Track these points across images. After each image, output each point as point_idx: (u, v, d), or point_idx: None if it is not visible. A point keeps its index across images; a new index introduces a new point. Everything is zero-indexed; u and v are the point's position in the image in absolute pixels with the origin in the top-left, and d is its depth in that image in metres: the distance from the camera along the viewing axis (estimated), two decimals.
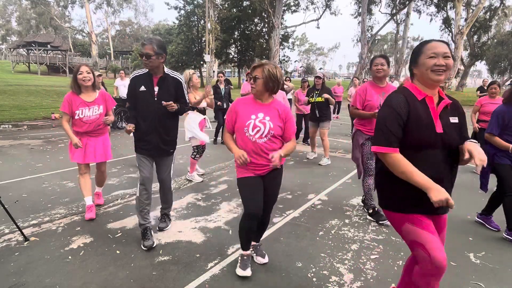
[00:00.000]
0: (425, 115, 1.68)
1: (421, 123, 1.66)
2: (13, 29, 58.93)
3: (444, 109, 1.72)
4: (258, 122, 2.37)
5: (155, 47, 2.74)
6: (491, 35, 34.26)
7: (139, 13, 65.87)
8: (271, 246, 2.95)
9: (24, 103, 14.05)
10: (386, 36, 62.61)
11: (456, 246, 3.03)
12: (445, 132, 1.67)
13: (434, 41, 1.70)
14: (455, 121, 1.73)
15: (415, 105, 1.69)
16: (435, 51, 1.64)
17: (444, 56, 1.64)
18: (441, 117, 1.70)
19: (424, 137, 1.66)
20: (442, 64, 1.63)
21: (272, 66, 2.38)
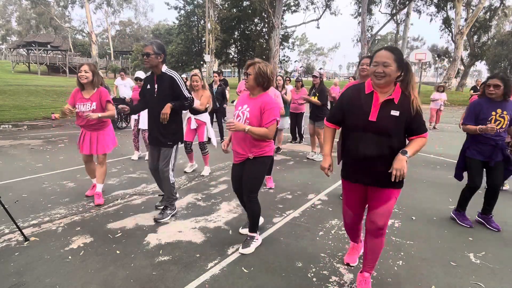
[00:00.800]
0: (366, 105, 2.09)
1: (358, 111, 2.11)
2: (13, 29, 58.93)
3: (387, 104, 2.06)
4: (240, 112, 2.73)
5: (155, 48, 3.19)
6: (491, 35, 34.25)
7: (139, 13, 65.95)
8: (271, 246, 2.95)
9: (24, 103, 14.05)
10: (386, 36, 62.59)
11: (456, 246, 3.03)
12: (378, 121, 2.05)
13: (381, 50, 2.06)
14: (395, 114, 2.05)
15: (359, 97, 2.14)
16: (377, 60, 2.03)
17: (384, 65, 1.99)
18: (382, 109, 2.06)
19: (357, 122, 2.11)
20: (380, 71, 2.01)
21: (263, 64, 2.67)
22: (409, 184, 4.90)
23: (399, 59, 2.02)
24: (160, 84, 3.28)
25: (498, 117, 3.23)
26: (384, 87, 2.07)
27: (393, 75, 2.01)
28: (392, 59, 1.99)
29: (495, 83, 3.21)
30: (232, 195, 4.25)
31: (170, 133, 3.38)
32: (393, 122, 2.04)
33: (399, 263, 2.72)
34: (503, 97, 3.24)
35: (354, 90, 2.19)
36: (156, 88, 3.29)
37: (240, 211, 3.73)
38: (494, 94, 3.23)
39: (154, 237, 3.07)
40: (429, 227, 3.43)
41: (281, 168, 5.66)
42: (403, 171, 1.99)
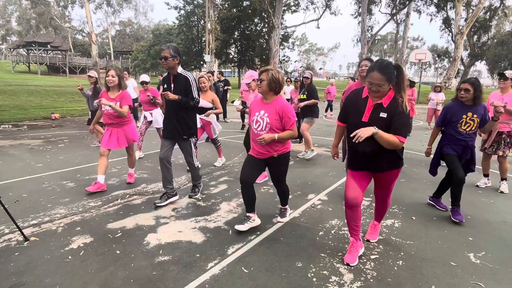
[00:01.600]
0: (362, 107, 2.45)
1: (355, 112, 2.48)
2: (13, 29, 58.93)
3: (377, 107, 2.39)
4: (259, 118, 3.00)
5: (171, 51, 3.57)
6: (491, 35, 34.27)
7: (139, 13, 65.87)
8: (271, 246, 2.95)
9: (24, 103, 14.06)
10: (386, 36, 62.62)
11: (456, 246, 3.03)
12: (369, 122, 2.38)
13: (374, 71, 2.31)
14: (383, 116, 2.37)
15: (357, 100, 2.50)
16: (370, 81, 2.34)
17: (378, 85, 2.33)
18: (373, 111, 2.40)
19: (353, 121, 2.49)
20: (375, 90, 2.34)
21: (275, 71, 2.96)
22: (409, 184, 4.90)
23: (390, 77, 2.29)
24: (176, 84, 3.67)
25: (469, 120, 3.49)
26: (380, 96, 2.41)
27: (385, 91, 2.36)
28: (384, 80, 2.29)
29: (465, 87, 3.45)
30: (232, 195, 4.26)
31: (186, 128, 3.80)
32: (382, 122, 2.35)
33: (399, 263, 2.72)
34: (473, 101, 3.48)
35: (354, 94, 2.55)
36: (172, 88, 3.67)
37: (240, 211, 3.73)
38: (464, 97, 3.48)
39: (154, 237, 3.07)
40: (429, 227, 3.43)
41: None
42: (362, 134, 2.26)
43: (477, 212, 3.83)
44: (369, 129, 2.29)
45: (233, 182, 4.82)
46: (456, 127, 3.54)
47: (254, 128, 3.03)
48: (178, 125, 3.75)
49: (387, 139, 2.33)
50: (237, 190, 4.47)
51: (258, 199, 4.12)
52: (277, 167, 3.18)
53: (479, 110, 3.49)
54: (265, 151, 3.05)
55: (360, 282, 2.46)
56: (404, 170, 5.61)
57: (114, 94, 4.21)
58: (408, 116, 2.37)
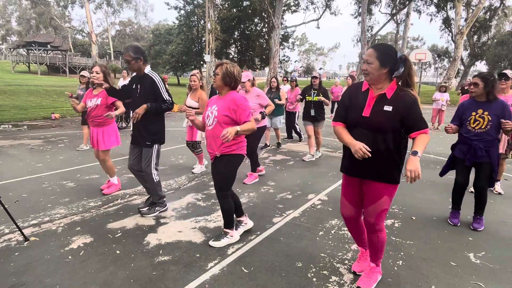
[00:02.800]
0: (362, 102, 2.14)
1: (355, 107, 2.17)
2: (13, 29, 58.90)
3: (380, 99, 2.09)
4: (209, 112, 2.84)
5: (132, 54, 3.29)
6: (491, 35, 34.26)
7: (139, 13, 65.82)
8: (271, 246, 2.95)
9: (24, 103, 14.05)
10: (386, 36, 62.56)
11: (456, 246, 3.03)
12: (371, 116, 2.08)
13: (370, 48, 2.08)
14: (388, 109, 2.05)
15: (357, 94, 2.19)
16: (363, 58, 2.08)
17: (367, 62, 2.04)
18: (375, 105, 2.09)
19: (353, 117, 2.17)
20: (364, 69, 2.08)
21: (230, 65, 2.79)
22: (409, 184, 4.89)
23: (383, 56, 2.01)
24: (142, 85, 3.41)
25: (478, 118, 3.24)
26: (377, 83, 2.10)
27: (375, 72, 2.03)
28: (374, 57, 2.02)
29: (474, 81, 3.24)
30: None
31: (150, 134, 3.44)
32: (386, 117, 2.05)
33: (399, 263, 2.72)
34: (486, 97, 3.22)
35: (353, 89, 2.25)
36: (139, 89, 3.42)
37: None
38: (474, 92, 3.26)
39: (154, 237, 3.07)
40: (429, 227, 3.43)
41: (281, 168, 5.65)
42: (417, 172, 1.94)
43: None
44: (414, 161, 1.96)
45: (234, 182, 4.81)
46: (465, 125, 3.33)
47: (206, 124, 2.85)
48: (143, 129, 3.40)
49: (425, 145, 2.06)
50: (237, 190, 4.47)
51: (258, 199, 4.13)
52: (216, 168, 2.86)
53: (494, 107, 3.17)
54: (211, 149, 2.85)
55: None
56: (403, 170, 5.60)
57: (98, 90, 4.06)
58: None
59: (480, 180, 3.35)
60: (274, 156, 6.57)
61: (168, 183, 4.71)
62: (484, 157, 3.27)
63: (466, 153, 3.36)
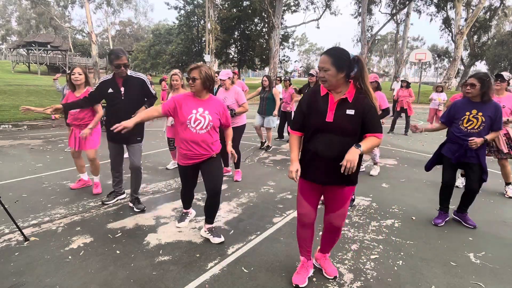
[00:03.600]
0: (323, 107, 2.10)
1: (316, 113, 2.12)
2: (13, 29, 58.91)
3: (342, 103, 2.07)
4: (198, 116, 2.76)
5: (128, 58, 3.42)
6: (491, 35, 34.27)
7: (139, 13, 65.83)
8: (271, 246, 2.95)
9: (24, 103, 14.05)
10: (386, 36, 62.56)
11: (456, 246, 3.03)
12: (335, 121, 2.06)
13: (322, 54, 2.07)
14: (350, 113, 2.06)
15: (316, 99, 2.15)
16: (319, 65, 2.07)
17: (324, 69, 2.03)
18: (338, 109, 2.07)
19: (315, 123, 2.12)
20: (321, 76, 2.06)
21: (207, 68, 2.79)
22: (409, 184, 4.90)
23: (338, 61, 2.00)
24: (127, 87, 3.46)
25: (472, 118, 3.23)
26: (336, 88, 2.09)
27: (333, 78, 2.02)
28: (329, 63, 2.00)
29: (471, 82, 3.20)
30: (232, 195, 4.25)
31: (140, 130, 3.62)
32: (349, 121, 2.05)
33: (399, 263, 2.72)
34: (481, 97, 3.20)
35: (311, 94, 2.20)
36: (122, 91, 3.45)
37: (240, 211, 3.73)
38: (470, 93, 3.22)
39: (154, 237, 3.07)
40: (429, 227, 3.43)
41: (281, 168, 5.65)
42: (354, 163, 1.96)
43: (477, 212, 3.83)
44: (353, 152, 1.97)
45: (233, 182, 4.81)
46: (458, 124, 3.31)
47: (192, 127, 2.74)
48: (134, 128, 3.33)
49: (371, 146, 2.08)
50: (238, 190, 4.47)
51: (258, 199, 4.13)
52: (216, 168, 2.92)
53: (488, 109, 3.17)
54: (204, 151, 2.82)
55: (360, 282, 2.46)
56: (404, 170, 5.61)
57: (80, 92, 3.99)
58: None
59: (473, 182, 3.33)
60: (274, 156, 6.58)
61: (168, 183, 4.71)
62: (473, 158, 3.27)
63: (455, 152, 3.35)
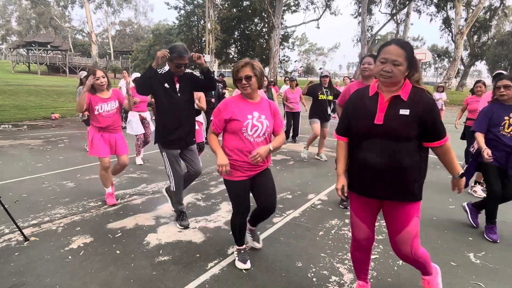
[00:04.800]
0: (372, 108, 1.83)
1: (363, 115, 1.85)
2: (13, 29, 58.93)
3: (395, 101, 1.79)
4: (255, 121, 2.34)
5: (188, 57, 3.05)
6: (491, 35, 34.25)
7: (139, 13, 65.84)
8: (271, 246, 2.95)
9: (24, 103, 14.06)
10: (386, 36, 62.46)
11: (456, 246, 3.03)
12: (385, 123, 1.77)
13: (391, 44, 1.76)
14: (405, 113, 1.76)
15: (364, 101, 1.88)
16: (385, 57, 1.74)
17: (394, 63, 1.72)
18: (390, 108, 1.79)
19: (362, 127, 1.85)
20: (388, 70, 1.73)
21: (257, 62, 2.40)
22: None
23: (411, 57, 1.74)
24: (182, 84, 3.14)
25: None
26: (391, 86, 1.81)
27: (402, 75, 1.75)
28: (403, 57, 1.71)
29: (505, 83, 3.03)
30: None
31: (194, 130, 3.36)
32: (403, 122, 1.75)
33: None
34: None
35: (358, 96, 1.94)
36: (178, 88, 3.13)
37: None
38: (506, 95, 3.06)
39: (154, 237, 3.07)
40: (429, 227, 3.42)
41: (281, 168, 5.65)
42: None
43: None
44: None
45: None
46: (498, 131, 3.08)
47: (249, 135, 2.33)
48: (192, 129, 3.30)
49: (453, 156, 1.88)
50: None
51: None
52: (271, 179, 2.55)
53: None
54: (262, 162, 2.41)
55: None
56: None
57: (107, 94, 3.72)
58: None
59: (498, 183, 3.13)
60: (274, 156, 6.57)
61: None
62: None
63: (506, 160, 3.09)
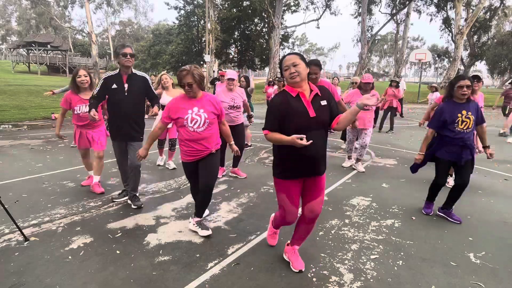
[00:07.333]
0: (301, 106, 2.19)
1: (297, 113, 2.18)
2: (13, 29, 58.94)
3: (315, 97, 2.23)
4: (194, 115, 2.82)
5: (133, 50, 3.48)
6: (491, 35, 34.28)
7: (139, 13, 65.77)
8: (271, 246, 2.95)
9: (24, 103, 14.06)
10: (386, 36, 62.60)
11: (456, 246, 3.03)
12: (318, 115, 2.19)
13: (286, 56, 2.23)
14: (324, 103, 2.24)
15: (289, 102, 2.20)
16: (287, 64, 2.18)
17: (293, 64, 2.15)
18: (313, 103, 2.21)
19: (300, 122, 2.17)
20: (293, 71, 2.15)
21: (196, 68, 2.79)
22: (409, 184, 4.90)
23: (303, 58, 2.22)
24: (130, 84, 3.51)
25: (465, 118, 3.32)
26: (303, 85, 2.23)
27: (304, 71, 2.18)
28: (298, 58, 2.18)
29: (468, 83, 3.26)
30: (232, 195, 4.26)
31: (141, 128, 3.72)
32: (326, 112, 2.24)
33: (399, 263, 2.72)
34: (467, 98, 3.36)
35: (281, 97, 2.24)
36: (126, 88, 3.49)
37: (240, 211, 3.73)
38: (467, 95, 3.30)
39: (154, 237, 3.07)
40: (429, 227, 3.43)
41: None
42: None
43: (477, 212, 3.84)
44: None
45: (233, 182, 4.82)
46: (454, 127, 3.35)
47: (190, 127, 2.82)
48: (137, 125, 3.65)
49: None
50: (237, 190, 4.48)
51: (258, 199, 4.13)
52: (214, 163, 2.99)
53: (472, 108, 3.34)
54: (204, 147, 2.90)
55: (360, 282, 2.46)
56: (404, 170, 5.61)
57: (87, 94, 3.93)
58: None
59: (466, 176, 3.45)
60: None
61: (168, 183, 4.71)
62: (470, 155, 3.44)
63: (460, 154, 3.40)
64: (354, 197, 4.27)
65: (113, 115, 3.61)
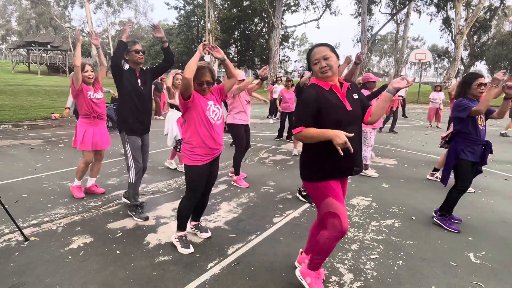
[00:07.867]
0: (337, 100, 2.05)
1: (334, 107, 2.02)
2: (13, 29, 58.93)
3: (348, 90, 2.12)
4: (215, 107, 2.69)
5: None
6: (491, 35, 34.28)
7: (139, 13, 65.74)
8: (271, 246, 2.95)
9: (24, 103, 14.06)
10: (386, 36, 62.56)
11: (456, 246, 3.03)
12: (353, 109, 2.07)
13: (315, 47, 2.10)
14: (356, 97, 2.14)
15: (324, 95, 2.04)
16: (317, 57, 2.05)
17: (325, 57, 2.03)
18: (348, 97, 2.10)
19: (338, 117, 2.01)
20: (324, 65, 2.03)
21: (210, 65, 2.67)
22: (409, 184, 4.90)
23: (334, 49, 2.08)
24: (144, 79, 3.52)
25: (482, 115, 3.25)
26: (334, 79, 2.10)
27: (335, 65, 2.05)
28: (328, 50, 2.05)
29: (485, 81, 3.17)
30: (232, 195, 4.26)
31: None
32: (359, 105, 2.14)
33: (399, 263, 2.72)
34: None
35: (318, 93, 2.04)
36: (140, 83, 3.47)
37: (240, 211, 3.73)
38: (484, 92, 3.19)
39: (154, 237, 3.07)
40: (429, 227, 3.43)
41: (281, 168, 5.66)
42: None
43: (477, 212, 3.83)
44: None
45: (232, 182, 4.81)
46: (476, 123, 3.17)
47: (211, 118, 2.63)
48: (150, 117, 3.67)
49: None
50: (237, 190, 4.48)
51: (258, 199, 4.13)
52: (217, 165, 2.90)
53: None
54: (217, 145, 2.72)
55: (360, 282, 2.46)
56: (403, 170, 5.61)
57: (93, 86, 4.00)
58: None
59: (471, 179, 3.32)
60: (274, 156, 6.58)
61: (168, 183, 4.71)
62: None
63: (481, 155, 3.22)
64: (354, 197, 4.27)
65: (135, 109, 3.42)
